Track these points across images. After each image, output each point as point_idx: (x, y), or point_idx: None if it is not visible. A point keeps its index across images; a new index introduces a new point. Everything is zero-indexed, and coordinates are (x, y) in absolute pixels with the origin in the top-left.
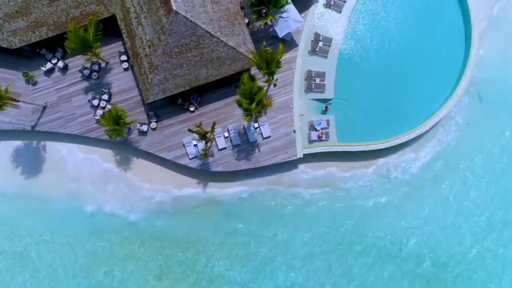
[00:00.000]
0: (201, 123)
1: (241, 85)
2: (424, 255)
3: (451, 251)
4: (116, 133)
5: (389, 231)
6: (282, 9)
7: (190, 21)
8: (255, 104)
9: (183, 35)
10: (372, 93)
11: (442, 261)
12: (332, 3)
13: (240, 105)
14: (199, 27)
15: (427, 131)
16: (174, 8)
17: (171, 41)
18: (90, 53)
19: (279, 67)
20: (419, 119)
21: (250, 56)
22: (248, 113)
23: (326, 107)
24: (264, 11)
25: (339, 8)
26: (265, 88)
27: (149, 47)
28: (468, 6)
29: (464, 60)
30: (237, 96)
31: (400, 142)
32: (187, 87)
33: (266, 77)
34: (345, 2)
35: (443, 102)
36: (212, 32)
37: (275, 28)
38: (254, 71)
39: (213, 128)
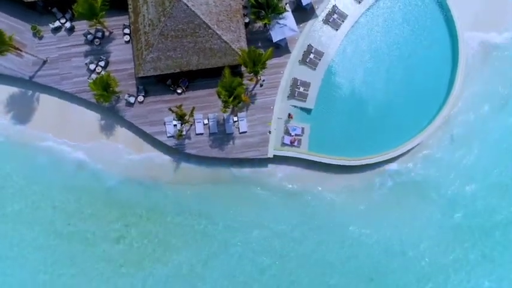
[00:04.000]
0: (181, 105)
1: (223, 78)
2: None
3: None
4: (103, 98)
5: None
6: (280, 16)
7: (191, 9)
8: (233, 97)
9: (182, 21)
10: (350, 112)
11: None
12: (331, 20)
13: (219, 96)
14: (197, 17)
15: (394, 158)
16: None
17: (169, 24)
18: (95, 20)
19: (264, 68)
20: (390, 145)
21: (240, 53)
22: (226, 105)
23: (289, 114)
24: (262, 13)
25: (336, 26)
26: (251, 86)
27: (149, 26)
28: (459, 47)
29: (445, 97)
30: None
31: (368, 163)
32: (178, 70)
33: (252, 76)
34: (343, 21)
35: (416, 133)
36: (209, 24)
37: (271, 32)
38: (244, 68)
39: (191, 112)
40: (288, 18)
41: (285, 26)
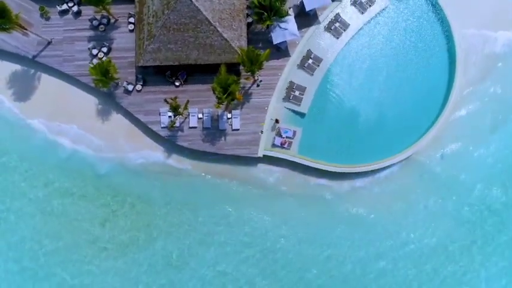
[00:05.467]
0: (176, 97)
1: (219, 74)
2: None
3: None
4: (102, 84)
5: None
6: (282, 19)
7: (194, 5)
8: (227, 94)
9: (184, 15)
10: (343, 119)
11: None
12: (333, 27)
13: (214, 91)
14: (200, 13)
15: (379, 169)
16: None
17: (172, 17)
18: (101, 6)
19: (261, 69)
20: (380, 155)
21: (239, 51)
22: (219, 101)
23: (276, 120)
24: (265, 15)
25: (337, 34)
26: (247, 85)
27: (153, 17)
28: (456, 62)
29: (439, 112)
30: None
31: (354, 171)
32: (176, 63)
33: (249, 75)
34: (344, 30)
35: (403, 148)
36: (211, 21)
37: (272, 34)
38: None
39: (185, 105)
40: (290, 22)
41: (286, 30)
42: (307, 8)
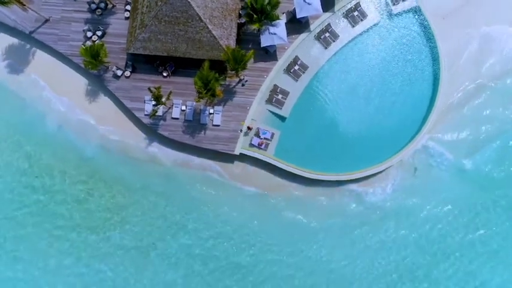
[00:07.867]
0: (159, 87)
1: (201, 70)
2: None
3: None
4: (91, 66)
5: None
6: (272, 23)
7: (186, 0)
8: (207, 90)
9: (176, 9)
10: (322, 128)
11: None
12: (322, 37)
13: (194, 85)
14: (192, 8)
15: (353, 180)
16: None
17: (164, 10)
18: None
19: (244, 69)
20: (351, 167)
21: (226, 50)
22: (199, 95)
23: (248, 127)
24: (255, 17)
25: (326, 44)
26: (233, 83)
27: (146, 7)
28: (440, 83)
29: (418, 130)
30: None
31: (325, 179)
32: (165, 54)
33: (233, 74)
34: (334, 41)
35: (378, 162)
36: (202, 17)
37: (261, 36)
38: None
39: (168, 96)
40: (280, 27)
41: (275, 34)
42: (298, 16)
